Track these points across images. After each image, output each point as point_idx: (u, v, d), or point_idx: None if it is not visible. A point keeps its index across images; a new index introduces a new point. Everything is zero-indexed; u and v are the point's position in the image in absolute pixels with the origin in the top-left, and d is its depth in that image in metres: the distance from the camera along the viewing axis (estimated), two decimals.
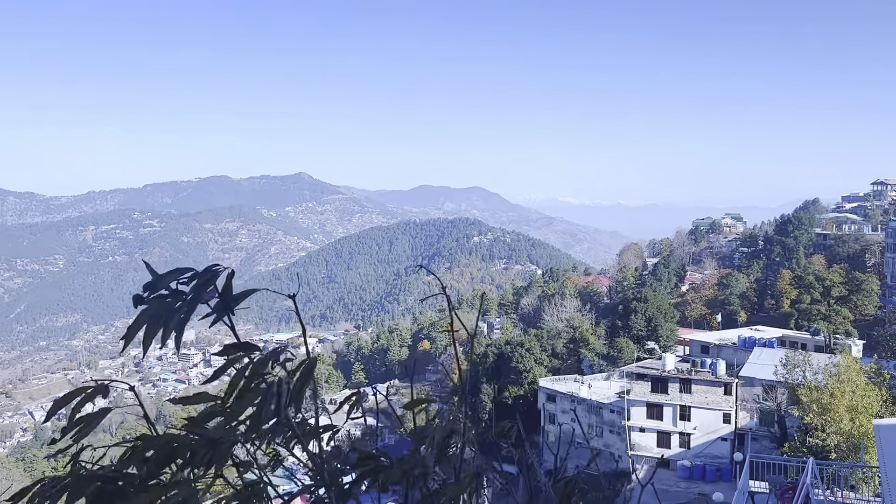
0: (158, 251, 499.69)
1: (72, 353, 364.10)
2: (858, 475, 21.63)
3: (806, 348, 71.59)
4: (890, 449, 17.24)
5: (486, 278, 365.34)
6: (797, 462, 20.80)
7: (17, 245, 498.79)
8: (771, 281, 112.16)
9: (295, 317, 12.13)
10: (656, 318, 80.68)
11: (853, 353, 61.44)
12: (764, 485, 21.79)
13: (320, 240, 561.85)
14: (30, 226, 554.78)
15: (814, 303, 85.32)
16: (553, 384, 67.97)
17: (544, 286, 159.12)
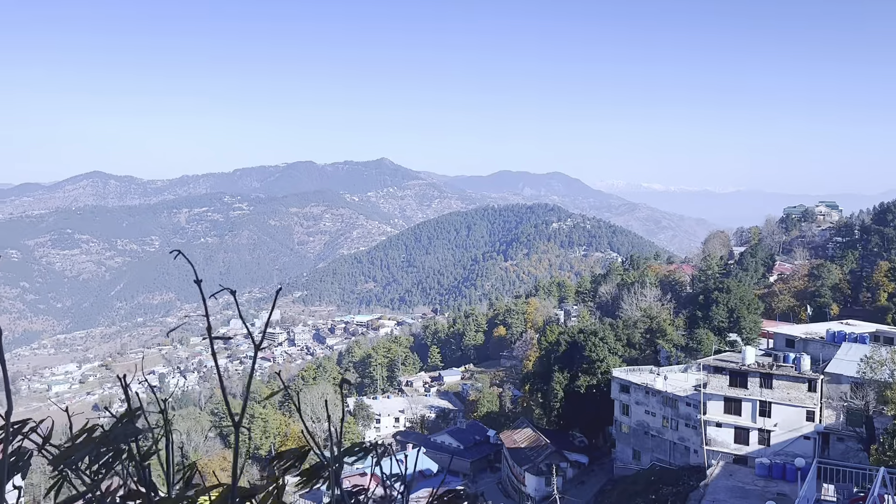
0: (247, 234, 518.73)
1: (166, 329, 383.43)
2: None
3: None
4: None
5: (565, 265, 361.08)
6: (868, 470, 19.65)
7: (117, 226, 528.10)
8: (867, 273, 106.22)
9: (376, 299, 12.56)
10: (739, 310, 77.80)
11: None
12: (832, 491, 20.78)
13: (400, 224, 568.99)
14: (129, 208, 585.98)
15: None
16: (627, 375, 66.63)
17: (624, 274, 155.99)
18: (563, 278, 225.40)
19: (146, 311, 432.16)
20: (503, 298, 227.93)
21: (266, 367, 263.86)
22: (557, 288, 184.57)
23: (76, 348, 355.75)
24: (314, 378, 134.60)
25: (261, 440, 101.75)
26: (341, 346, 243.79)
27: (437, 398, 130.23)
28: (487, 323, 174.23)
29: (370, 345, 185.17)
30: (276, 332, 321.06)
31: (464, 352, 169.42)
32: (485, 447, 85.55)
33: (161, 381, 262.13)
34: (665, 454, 62.28)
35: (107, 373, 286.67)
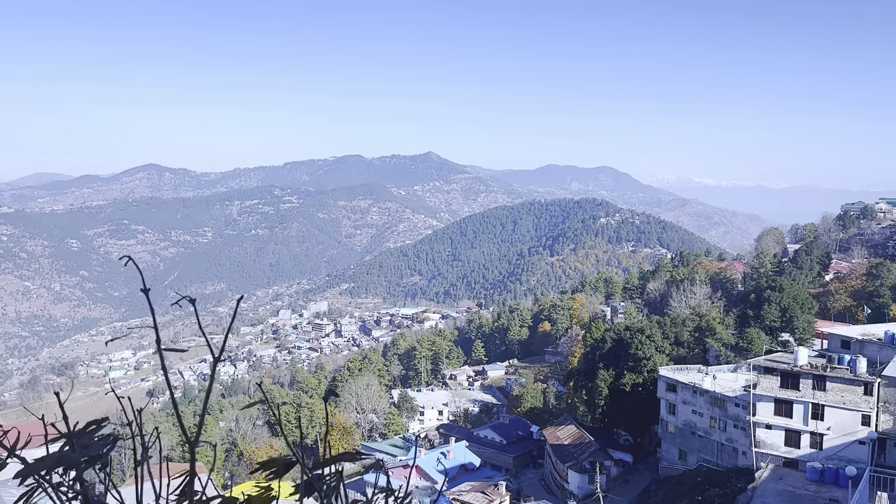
0: (296, 226, 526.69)
1: (217, 318, 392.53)
2: None
3: None
4: None
5: (612, 261, 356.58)
6: None
7: (171, 217, 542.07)
8: None
9: (421, 293, 12.65)
10: (792, 309, 75.67)
11: None
12: (885, 500, 20.02)
13: (446, 218, 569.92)
14: (183, 200, 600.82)
15: None
16: (674, 373, 65.53)
17: (673, 271, 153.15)
18: (610, 274, 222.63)
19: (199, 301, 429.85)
20: (548, 294, 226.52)
21: (314, 357, 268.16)
22: (604, 284, 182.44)
23: (131, 336, 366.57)
24: (359, 369, 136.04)
25: (307, 429, 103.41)
26: (386, 339, 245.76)
27: (480, 392, 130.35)
28: (532, 318, 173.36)
29: (415, 338, 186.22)
30: (324, 324, 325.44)
31: (508, 346, 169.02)
32: (528, 443, 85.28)
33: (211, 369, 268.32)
34: (712, 455, 61.13)
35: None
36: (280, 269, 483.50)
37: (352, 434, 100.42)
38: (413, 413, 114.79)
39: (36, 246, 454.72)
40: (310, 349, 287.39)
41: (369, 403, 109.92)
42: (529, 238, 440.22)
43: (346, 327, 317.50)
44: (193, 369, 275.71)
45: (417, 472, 71.99)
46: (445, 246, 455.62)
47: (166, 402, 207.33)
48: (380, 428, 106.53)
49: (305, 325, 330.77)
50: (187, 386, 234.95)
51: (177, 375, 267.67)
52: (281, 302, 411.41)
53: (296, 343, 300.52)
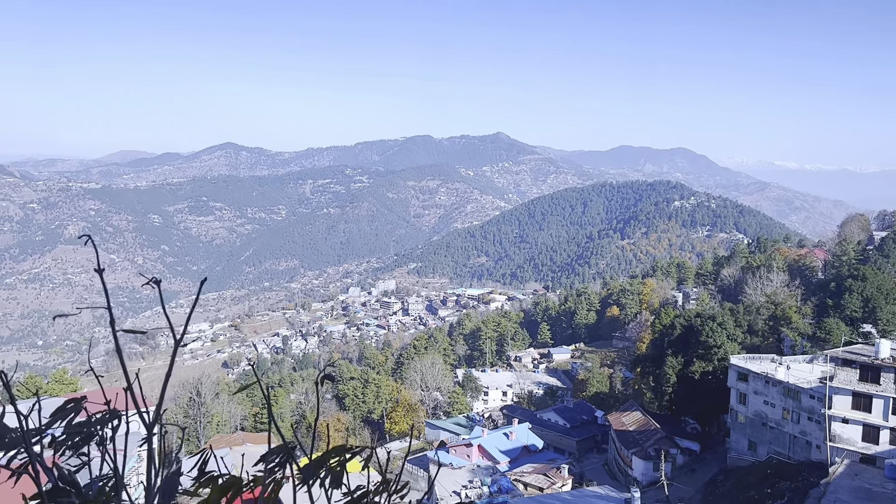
0: (366, 206, 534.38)
1: (290, 294, 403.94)
2: None
3: None
4: None
5: (686, 246, 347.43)
6: None
7: (247, 195, 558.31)
8: None
9: (487, 274, 12.92)
10: (875, 299, 72.18)
11: None
12: None
13: (514, 199, 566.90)
14: (258, 178, 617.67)
15: None
16: (746, 363, 63.58)
17: (749, 257, 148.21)
18: (682, 259, 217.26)
19: (272, 277, 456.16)
20: (618, 278, 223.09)
21: (381, 333, 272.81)
22: (676, 269, 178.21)
23: (209, 308, 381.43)
24: (425, 348, 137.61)
25: (373, 404, 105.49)
26: (452, 318, 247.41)
27: (545, 375, 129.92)
28: (600, 302, 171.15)
29: (480, 318, 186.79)
30: (392, 302, 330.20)
31: (574, 330, 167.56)
32: (592, 427, 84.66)
33: (284, 342, 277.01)
34: (783, 447, 59.29)
35: (236, 332, 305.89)
36: (350, 248, 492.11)
37: (416, 411, 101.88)
38: (477, 393, 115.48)
39: (121, 220, 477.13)
40: (378, 326, 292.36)
41: (434, 382, 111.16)
42: (599, 221, 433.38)
43: (413, 306, 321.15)
44: (266, 342, 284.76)
45: (480, 451, 72.59)
46: (513, 227, 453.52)
47: (240, 373, 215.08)
48: (444, 406, 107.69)
49: (374, 303, 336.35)
50: (260, 358, 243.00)
51: (251, 348, 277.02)
52: (350, 279, 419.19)
53: (364, 320, 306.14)
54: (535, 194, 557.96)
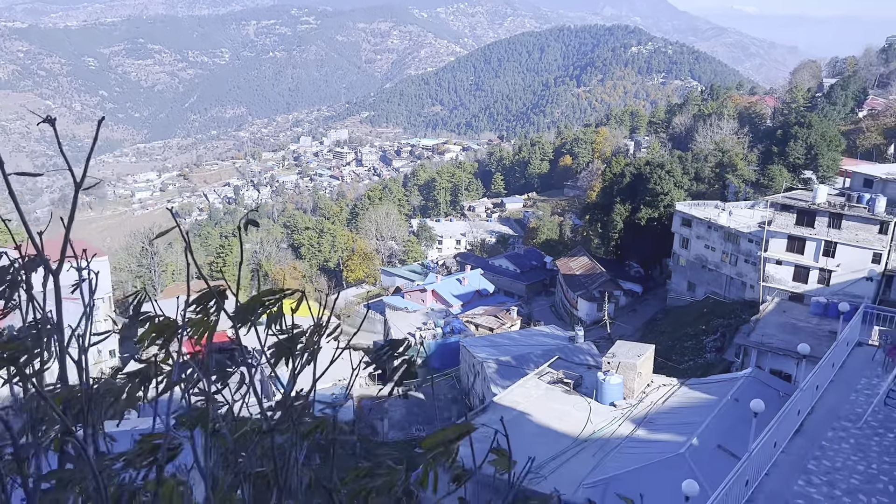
0: (315, 49, 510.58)
1: (239, 143, 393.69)
2: None
3: None
4: None
5: (641, 93, 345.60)
6: None
7: (187, 37, 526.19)
8: None
9: (442, 123, 12.68)
10: (818, 146, 73.97)
11: None
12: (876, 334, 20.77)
13: (470, 44, 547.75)
14: (198, 18, 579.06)
15: None
16: (690, 209, 65.73)
17: (701, 105, 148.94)
18: (636, 107, 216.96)
19: (219, 125, 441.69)
20: (572, 127, 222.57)
21: (335, 184, 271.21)
22: (630, 117, 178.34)
23: (155, 157, 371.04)
24: (380, 199, 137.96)
25: (329, 254, 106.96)
26: (407, 169, 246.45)
27: (497, 224, 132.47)
28: (554, 152, 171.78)
29: (435, 169, 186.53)
30: (345, 152, 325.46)
31: (528, 180, 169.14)
32: (541, 272, 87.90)
33: (236, 192, 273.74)
34: (720, 288, 62.83)
35: (185, 182, 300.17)
36: (299, 95, 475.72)
37: (372, 260, 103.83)
38: (431, 242, 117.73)
39: (53, 63, 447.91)
40: (331, 177, 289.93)
41: (389, 231, 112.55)
42: (556, 67, 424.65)
43: (367, 156, 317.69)
44: (217, 192, 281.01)
45: (434, 296, 75.15)
46: (468, 74, 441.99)
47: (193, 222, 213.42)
48: (399, 255, 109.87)
49: (326, 153, 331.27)
50: (212, 208, 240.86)
51: (202, 198, 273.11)
52: (301, 128, 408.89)
53: (317, 170, 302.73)
54: (491, 39, 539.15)
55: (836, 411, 16.95)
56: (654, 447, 24.84)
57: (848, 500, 13.44)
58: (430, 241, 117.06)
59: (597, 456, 25.81)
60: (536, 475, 23.95)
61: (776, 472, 14.34)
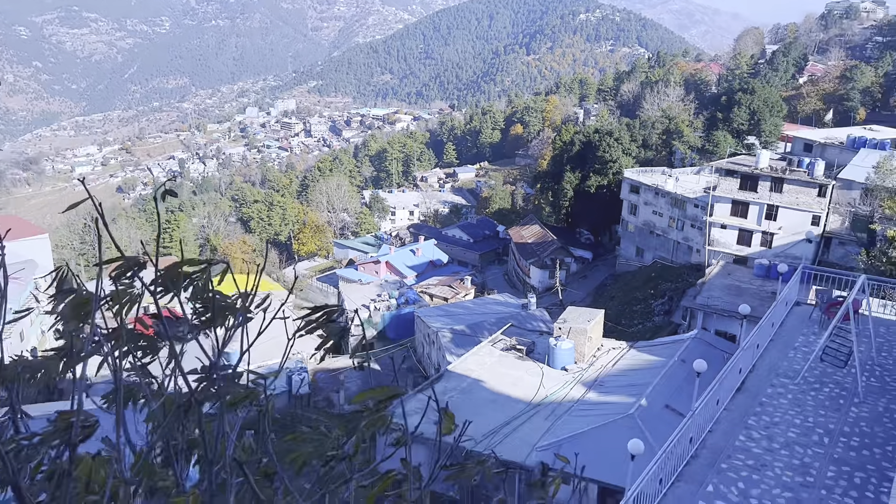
0: (259, 17, 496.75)
1: (183, 115, 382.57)
2: None
3: None
4: None
5: (590, 60, 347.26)
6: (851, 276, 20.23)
7: (124, 4, 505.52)
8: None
9: (392, 92, 12.50)
10: (761, 112, 75.76)
11: None
12: (814, 294, 21.59)
13: (418, 11, 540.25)
14: None
15: None
16: (638, 175, 66.77)
17: (649, 72, 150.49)
18: (585, 75, 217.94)
19: (161, 96, 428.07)
20: (522, 95, 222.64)
21: (284, 156, 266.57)
22: (579, 85, 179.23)
23: (95, 131, 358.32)
24: (330, 170, 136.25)
25: (280, 227, 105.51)
26: (357, 140, 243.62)
27: (450, 194, 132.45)
28: (505, 120, 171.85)
29: (386, 139, 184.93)
30: (293, 123, 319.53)
31: (479, 149, 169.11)
32: (494, 241, 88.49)
33: (181, 166, 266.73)
34: (667, 253, 64.24)
35: (128, 156, 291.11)
36: (244, 64, 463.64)
37: (324, 232, 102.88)
38: (384, 213, 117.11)
39: None
40: (279, 148, 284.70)
41: (340, 203, 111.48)
42: (506, 35, 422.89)
43: (316, 127, 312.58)
44: (162, 165, 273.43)
45: (388, 267, 75.02)
46: (417, 42, 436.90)
47: (137, 197, 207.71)
48: (351, 227, 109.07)
49: (274, 124, 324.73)
50: (157, 182, 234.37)
51: (146, 172, 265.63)
52: (247, 99, 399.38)
53: (265, 142, 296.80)
54: (440, 5, 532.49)
55: (776, 368, 17.61)
56: (604, 409, 25.47)
57: (785, 453, 14.04)
58: (382, 213, 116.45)
59: (549, 420, 26.34)
60: (490, 440, 24.36)
61: (719, 428, 14.88)
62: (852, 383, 16.62)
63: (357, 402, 2.56)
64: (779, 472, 13.42)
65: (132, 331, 2.27)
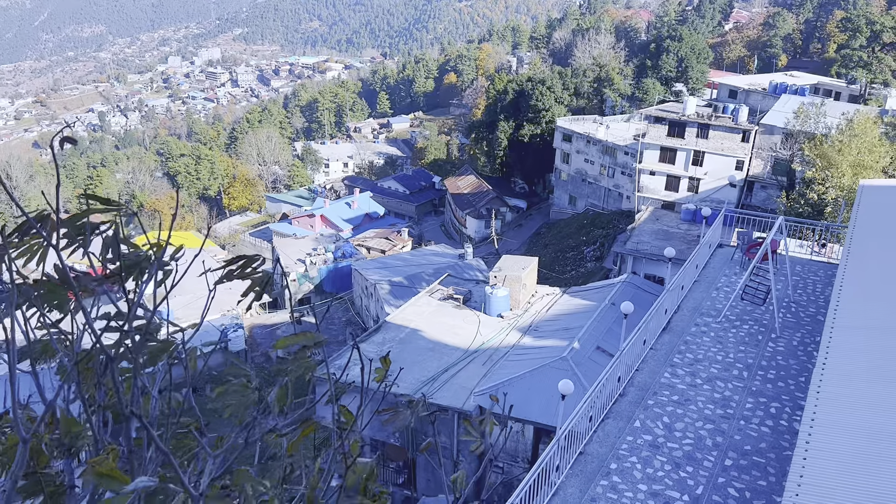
0: None
1: (100, 65, 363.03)
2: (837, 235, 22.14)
3: (840, 98, 69.14)
4: (865, 209, 17.36)
5: (522, 8, 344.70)
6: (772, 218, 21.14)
7: None
8: (822, 22, 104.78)
9: (322, 40, 12.06)
10: (688, 59, 77.16)
11: (889, 104, 59.19)
12: (736, 236, 22.50)
13: None
14: None
15: (859, 49, 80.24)
16: (570, 124, 67.41)
17: (580, 19, 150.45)
18: (518, 22, 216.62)
19: (76, 45, 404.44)
20: (455, 43, 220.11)
21: (210, 107, 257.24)
22: (511, 33, 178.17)
23: (5, 83, 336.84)
24: (259, 121, 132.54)
25: (209, 181, 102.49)
26: (287, 90, 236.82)
27: (385, 145, 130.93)
28: (438, 69, 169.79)
29: (317, 89, 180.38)
30: (218, 72, 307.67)
31: (413, 99, 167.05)
32: (430, 193, 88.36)
33: (101, 119, 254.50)
34: (599, 200, 65.53)
35: (43, 109, 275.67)
36: (164, 10, 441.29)
37: (255, 186, 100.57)
38: (317, 165, 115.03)
39: None
40: (205, 99, 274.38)
41: (271, 156, 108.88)
42: None
43: (243, 77, 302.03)
44: (81, 119, 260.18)
45: (323, 221, 74.14)
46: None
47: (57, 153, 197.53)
48: (284, 180, 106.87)
49: (198, 74, 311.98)
50: (76, 136, 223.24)
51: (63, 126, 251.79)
52: (169, 48, 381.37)
53: (189, 93, 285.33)
54: None
55: (699, 308, 18.39)
56: (539, 353, 26.16)
57: (707, 387, 14.79)
58: (316, 165, 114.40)
59: (486, 365, 26.91)
60: (430, 387, 24.77)
61: (645, 367, 15.52)
62: (770, 320, 17.52)
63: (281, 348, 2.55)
64: (701, 406, 14.15)
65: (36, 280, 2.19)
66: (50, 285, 2.27)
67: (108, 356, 2.17)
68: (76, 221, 2.15)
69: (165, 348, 2.34)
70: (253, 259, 2.70)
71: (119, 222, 2.41)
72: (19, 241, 2.23)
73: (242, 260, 2.65)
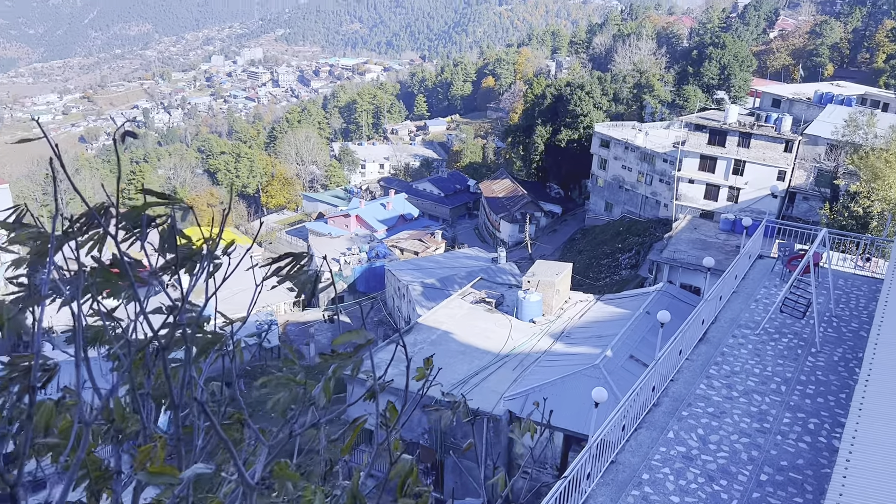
0: None
1: (146, 62, 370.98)
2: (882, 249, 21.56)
3: (888, 109, 67.37)
4: None
5: (562, 12, 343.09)
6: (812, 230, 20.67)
7: None
8: (871, 32, 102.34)
9: (362, 42, 12.18)
10: (731, 67, 75.98)
11: None
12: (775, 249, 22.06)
13: None
14: None
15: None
16: (608, 130, 66.82)
17: (621, 24, 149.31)
18: (558, 27, 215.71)
19: (123, 43, 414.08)
20: (494, 47, 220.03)
21: (251, 106, 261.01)
22: (551, 37, 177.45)
23: (55, 78, 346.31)
24: (298, 121, 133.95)
25: (248, 179, 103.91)
26: (326, 90, 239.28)
27: (421, 147, 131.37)
28: (476, 73, 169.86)
29: (355, 90, 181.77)
30: (260, 72, 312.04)
31: (451, 102, 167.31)
32: (464, 195, 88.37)
33: (145, 116, 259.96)
34: (636, 207, 64.84)
35: (90, 105, 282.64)
36: (209, 10, 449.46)
37: (293, 185, 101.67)
38: (354, 166, 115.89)
39: None
40: (246, 98, 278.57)
41: (309, 155, 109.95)
42: None
43: (284, 77, 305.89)
44: (125, 115, 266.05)
45: (358, 221, 74.65)
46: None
47: (101, 147, 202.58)
48: (321, 180, 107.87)
49: (240, 73, 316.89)
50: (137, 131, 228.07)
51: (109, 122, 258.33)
52: (212, 47, 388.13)
53: (231, 92, 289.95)
54: None
55: (738, 319, 18.07)
56: (571, 360, 25.97)
57: (744, 400, 14.52)
58: (352, 166, 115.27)
59: (517, 370, 26.80)
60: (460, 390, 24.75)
61: (681, 377, 15.30)
62: (810, 334, 17.14)
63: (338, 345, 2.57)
64: (737, 419, 13.90)
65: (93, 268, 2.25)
66: (106, 273, 2.33)
67: (161, 346, 2.21)
68: (134, 214, 2.20)
69: (216, 340, 2.39)
70: (300, 256, 2.74)
71: (174, 216, 2.46)
72: (81, 232, 2.30)
73: (290, 257, 2.68)
